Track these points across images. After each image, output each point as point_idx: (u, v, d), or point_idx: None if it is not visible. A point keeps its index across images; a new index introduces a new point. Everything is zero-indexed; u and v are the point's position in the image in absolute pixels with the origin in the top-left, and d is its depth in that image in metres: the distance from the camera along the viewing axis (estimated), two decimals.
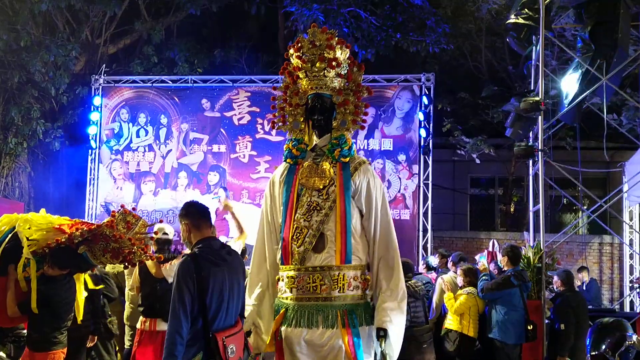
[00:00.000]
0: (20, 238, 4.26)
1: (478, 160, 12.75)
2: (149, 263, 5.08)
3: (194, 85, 11.26)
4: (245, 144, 10.97)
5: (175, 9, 13.68)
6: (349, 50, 3.63)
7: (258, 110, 10.82)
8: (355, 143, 10.48)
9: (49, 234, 4.34)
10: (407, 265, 5.81)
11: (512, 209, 15.01)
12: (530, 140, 8.18)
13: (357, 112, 3.64)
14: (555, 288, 6.92)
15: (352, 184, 3.49)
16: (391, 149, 10.64)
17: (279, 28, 14.18)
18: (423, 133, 10.41)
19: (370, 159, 10.50)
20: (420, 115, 10.40)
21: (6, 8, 11.28)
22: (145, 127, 11.26)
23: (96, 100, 11.22)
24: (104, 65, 11.76)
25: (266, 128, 10.83)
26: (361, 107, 3.66)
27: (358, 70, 3.68)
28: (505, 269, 6.34)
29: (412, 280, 5.71)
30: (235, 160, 10.97)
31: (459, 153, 13.09)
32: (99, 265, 4.63)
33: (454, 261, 7.15)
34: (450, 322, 6.24)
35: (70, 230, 4.36)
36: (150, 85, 11.32)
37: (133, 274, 5.36)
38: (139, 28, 13.14)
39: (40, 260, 4.33)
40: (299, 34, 11.01)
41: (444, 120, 12.83)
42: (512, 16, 7.99)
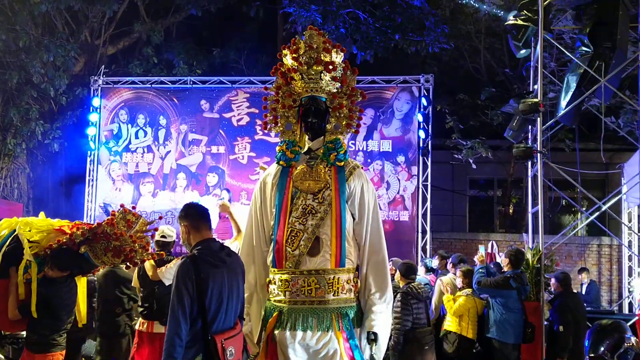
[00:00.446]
0: (21, 240, 4.25)
1: (474, 166, 12.74)
2: (146, 265, 5.07)
3: (193, 86, 11.25)
4: (244, 145, 10.96)
5: (174, 10, 13.69)
6: (344, 53, 3.65)
7: (257, 111, 10.77)
8: (355, 144, 10.58)
9: (49, 236, 4.34)
10: (411, 267, 5.79)
11: (511, 211, 15.01)
12: (529, 141, 8.18)
13: (351, 116, 3.66)
14: (552, 290, 6.92)
15: (347, 188, 3.50)
16: (390, 150, 10.64)
17: (278, 29, 14.18)
18: (422, 134, 10.41)
19: (369, 160, 10.58)
20: (419, 117, 10.40)
21: (5, 9, 11.27)
22: (144, 128, 11.25)
23: (95, 101, 11.21)
24: (103, 66, 11.78)
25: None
26: (355, 111, 3.68)
27: (352, 74, 3.69)
28: (505, 270, 6.34)
29: (415, 282, 5.69)
30: (234, 162, 10.97)
31: (457, 157, 13.09)
32: (100, 265, 4.62)
33: (453, 263, 7.13)
34: (449, 324, 6.24)
35: (71, 231, 4.36)
36: (150, 86, 11.31)
37: (133, 277, 5.35)
38: (138, 29, 13.14)
39: (42, 262, 4.32)
40: (297, 35, 11.00)
41: (446, 119, 12.81)
42: (511, 17, 8.00)
